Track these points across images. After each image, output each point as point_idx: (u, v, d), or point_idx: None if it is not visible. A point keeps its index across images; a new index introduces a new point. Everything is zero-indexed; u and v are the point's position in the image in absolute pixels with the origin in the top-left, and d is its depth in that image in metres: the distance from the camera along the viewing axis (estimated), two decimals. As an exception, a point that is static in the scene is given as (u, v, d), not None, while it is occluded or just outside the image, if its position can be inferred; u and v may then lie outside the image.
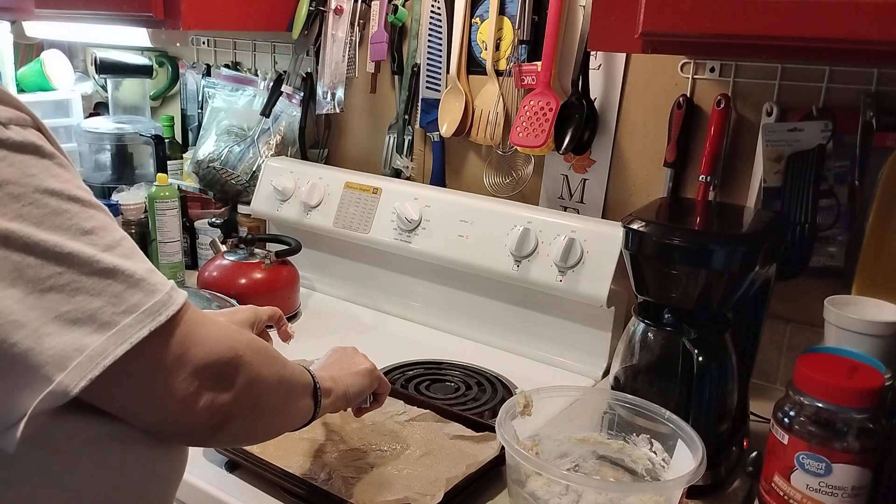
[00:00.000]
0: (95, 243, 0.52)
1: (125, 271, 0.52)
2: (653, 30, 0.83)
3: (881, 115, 1.02)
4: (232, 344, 0.59)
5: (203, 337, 0.57)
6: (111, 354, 0.51)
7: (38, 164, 0.52)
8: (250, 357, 0.61)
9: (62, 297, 0.50)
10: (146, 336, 0.52)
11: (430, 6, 1.41)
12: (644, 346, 0.97)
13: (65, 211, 0.51)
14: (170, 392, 0.55)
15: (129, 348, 0.51)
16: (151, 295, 0.53)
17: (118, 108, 1.88)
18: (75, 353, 0.50)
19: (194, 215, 1.66)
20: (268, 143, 1.62)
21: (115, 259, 0.52)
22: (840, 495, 0.76)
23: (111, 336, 0.51)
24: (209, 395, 0.57)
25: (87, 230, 0.52)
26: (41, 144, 0.52)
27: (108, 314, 0.51)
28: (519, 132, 1.29)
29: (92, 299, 0.51)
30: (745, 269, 0.87)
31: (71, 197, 0.52)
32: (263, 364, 0.63)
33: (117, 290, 0.52)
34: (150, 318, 0.53)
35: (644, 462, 0.87)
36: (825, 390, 0.76)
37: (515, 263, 1.22)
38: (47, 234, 0.50)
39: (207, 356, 0.57)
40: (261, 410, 0.65)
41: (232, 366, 0.59)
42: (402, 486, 0.86)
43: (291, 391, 0.71)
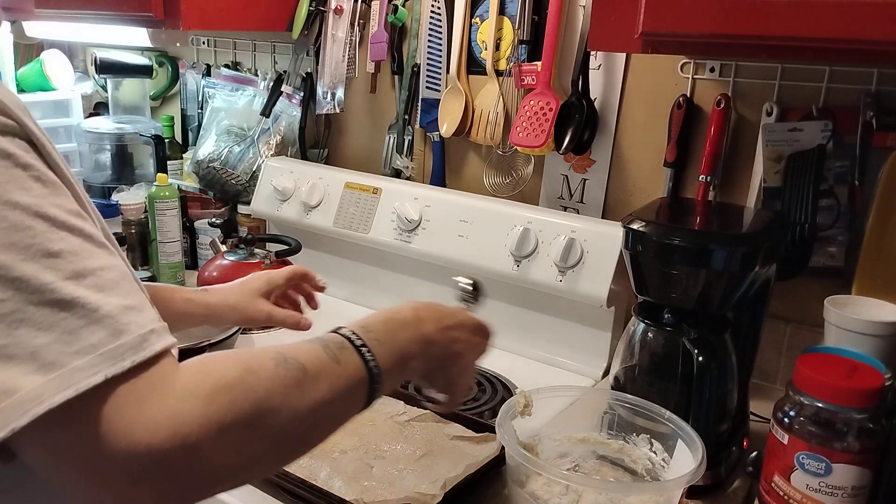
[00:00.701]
0: (58, 268, 0.44)
1: (87, 304, 0.44)
2: (653, 30, 0.83)
3: (881, 115, 1.02)
4: (179, 427, 0.45)
5: (144, 415, 0.44)
6: (46, 401, 0.42)
7: (5, 174, 0.45)
8: (212, 437, 0.46)
9: (1, 328, 0.42)
10: (99, 384, 0.43)
11: (430, 6, 1.41)
12: (644, 346, 0.97)
13: (27, 228, 0.44)
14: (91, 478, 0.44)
15: (73, 396, 0.42)
16: (117, 335, 0.44)
17: (118, 108, 1.88)
18: (3, 395, 0.41)
19: (194, 215, 1.66)
20: (268, 143, 1.62)
21: (78, 289, 0.44)
22: (840, 495, 0.76)
23: (53, 379, 0.42)
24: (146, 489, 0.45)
25: (51, 252, 0.44)
26: (14, 153, 0.45)
27: (54, 353, 0.43)
28: (519, 132, 1.29)
29: (37, 334, 0.43)
30: (745, 269, 0.87)
31: (39, 213, 0.45)
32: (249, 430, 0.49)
33: (73, 326, 0.43)
34: (108, 363, 0.43)
35: (644, 462, 0.87)
36: (825, 390, 0.76)
37: (515, 263, 1.22)
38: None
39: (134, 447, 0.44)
40: (250, 468, 0.51)
41: (177, 455, 0.45)
42: (402, 486, 0.86)
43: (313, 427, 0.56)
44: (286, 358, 0.53)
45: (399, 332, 0.66)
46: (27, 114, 0.48)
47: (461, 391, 0.77)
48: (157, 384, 0.46)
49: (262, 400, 0.50)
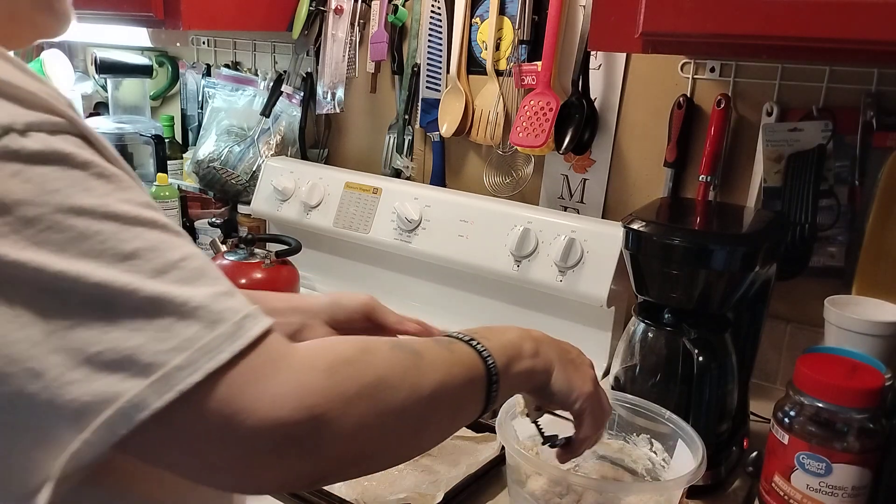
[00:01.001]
0: (138, 269, 0.42)
1: (176, 299, 0.42)
2: (653, 30, 0.83)
3: (881, 115, 1.02)
4: (304, 399, 0.44)
5: (264, 391, 0.43)
6: (149, 406, 0.40)
7: (65, 177, 0.41)
8: (338, 409, 0.45)
9: (92, 334, 0.40)
10: (200, 381, 0.41)
11: (430, 6, 1.41)
12: (644, 346, 0.97)
13: (96, 233, 0.41)
14: (215, 464, 0.44)
15: (175, 398, 0.41)
16: (213, 326, 0.42)
17: (118, 107, 1.88)
18: (104, 405, 0.40)
19: (194, 215, 1.66)
20: (268, 143, 1.62)
21: (164, 286, 0.42)
22: (840, 495, 0.76)
23: (154, 382, 0.40)
24: (277, 467, 0.44)
25: (128, 254, 0.42)
26: (70, 152, 0.42)
27: (150, 353, 0.41)
28: (519, 132, 1.29)
29: (131, 335, 0.41)
30: (746, 269, 0.87)
31: (107, 214, 0.42)
32: (372, 404, 0.47)
33: (165, 324, 0.41)
34: (206, 357, 0.42)
35: (644, 462, 0.87)
36: (825, 390, 0.76)
37: (515, 263, 1.22)
38: (70, 262, 0.40)
39: (264, 422, 0.43)
40: (374, 453, 0.50)
41: (304, 430, 0.44)
42: (403, 486, 0.86)
43: (433, 412, 0.53)
44: (401, 343, 0.53)
45: (505, 333, 0.64)
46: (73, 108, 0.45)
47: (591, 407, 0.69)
48: (275, 360, 0.44)
49: (382, 376, 0.49)
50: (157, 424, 0.41)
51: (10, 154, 0.40)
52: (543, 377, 0.65)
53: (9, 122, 0.40)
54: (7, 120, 0.40)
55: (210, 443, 0.43)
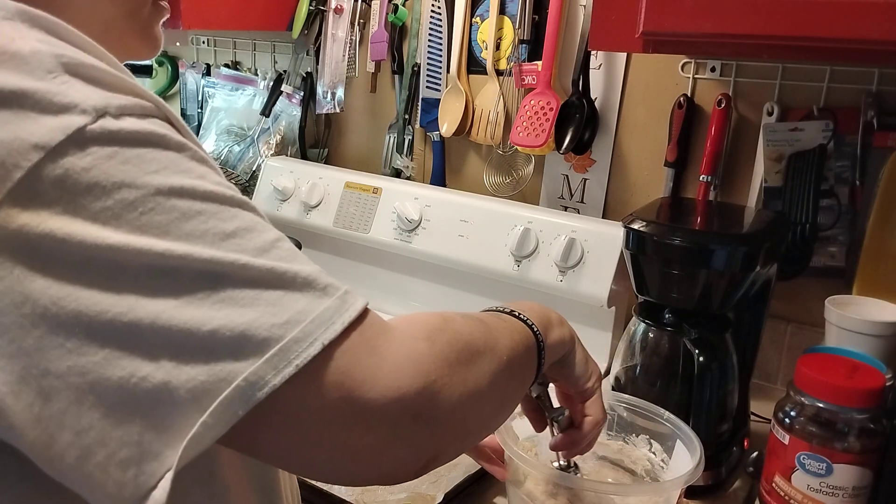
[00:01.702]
0: (242, 247, 0.41)
1: (283, 273, 0.41)
2: (653, 29, 0.83)
3: (882, 115, 1.02)
4: (419, 367, 0.43)
5: (380, 362, 0.42)
6: (268, 384, 0.38)
7: (162, 158, 0.40)
8: (449, 376, 0.45)
9: (202, 313, 0.39)
10: (317, 354, 0.39)
11: (430, 6, 1.41)
12: (644, 346, 0.97)
13: (198, 213, 0.40)
14: (335, 445, 0.41)
15: (294, 373, 0.39)
16: (322, 298, 0.41)
17: (118, 107, 1.88)
18: (221, 384, 0.38)
19: (194, 215, 1.66)
20: (268, 143, 1.62)
21: (268, 262, 0.41)
22: (841, 495, 0.76)
23: (270, 358, 0.39)
24: (400, 442, 0.43)
25: (230, 233, 0.41)
26: (165, 134, 0.41)
27: (265, 328, 0.39)
28: (519, 132, 1.29)
29: (243, 312, 0.39)
30: (746, 269, 0.87)
31: (206, 195, 0.41)
32: (469, 372, 0.47)
33: (275, 297, 0.40)
34: (321, 329, 0.40)
35: (643, 463, 0.87)
36: (826, 390, 0.76)
37: (516, 263, 1.22)
38: (175, 243, 0.39)
39: (385, 394, 0.41)
40: (471, 428, 0.50)
41: (424, 398, 0.43)
42: (402, 486, 0.85)
43: (510, 380, 0.54)
44: (467, 313, 0.53)
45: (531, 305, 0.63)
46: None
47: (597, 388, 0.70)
48: (382, 333, 0.43)
49: (469, 342, 0.49)
50: (276, 403, 0.39)
51: (107, 136, 0.39)
52: (569, 346, 0.66)
53: (103, 104, 0.39)
54: (102, 103, 0.39)
55: (330, 422, 0.41)
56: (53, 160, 0.37)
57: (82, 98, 0.38)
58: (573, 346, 0.66)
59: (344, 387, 0.40)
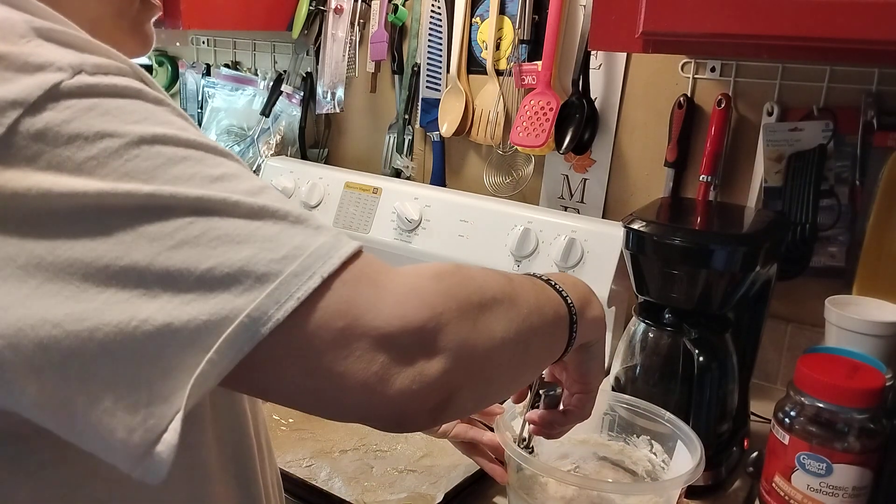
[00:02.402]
0: (229, 188, 0.40)
1: (276, 211, 0.40)
2: (653, 29, 0.83)
3: (882, 115, 1.02)
4: (424, 300, 0.43)
5: (380, 295, 0.41)
6: (272, 318, 0.38)
7: (142, 110, 0.40)
8: (455, 311, 0.44)
9: (200, 250, 0.38)
10: (317, 287, 0.39)
11: (430, 6, 1.41)
12: (644, 346, 0.97)
13: (183, 159, 0.40)
14: (344, 380, 0.40)
15: (297, 306, 0.39)
16: (316, 235, 0.41)
17: (118, 107, 1.88)
18: (224, 321, 0.38)
19: (194, 215, 1.66)
20: (268, 143, 1.62)
21: (259, 200, 0.41)
22: (841, 495, 0.76)
23: (272, 292, 0.38)
24: (408, 373, 0.41)
25: (217, 177, 0.40)
26: (142, 89, 0.41)
27: (263, 263, 0.39)
28: (519, 132, 1.29)
29: (239, 248, 0.39)
30: (746, 269, 0.87)
31: (189, 142, 0.41)
32: (482, 314, 0.46)
33: (270, 233, 0.40)
34: (319, 262, 0.40)
35: (644, 464, 0.87)
36: (826, 390, 0.76)
37: (516, 263, 1.22)
38: (163, 185, 0.39)
39: (389, 323, 0.41)
40: (487, 373, 0.48)
41: (428, 331, 0.42)
42: (403, 486, 0.85)
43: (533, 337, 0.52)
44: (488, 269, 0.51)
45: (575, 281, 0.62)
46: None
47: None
48: (383, 269, 0.43)
49: (483, 286, 0.47)
50: (281, 338, 0.39)
51: (85, 89, 0.39)
52: (602, 332, 0.64)
53: (79, 62, 0.39)
54: (77, 61, 0.39)
55: (336, 353, 0.40)
56: (32, 115, 0.37)
57: (58, 57, 0.39)
58: (603, 336, 0.64)
59: (348, 315, 0.40)
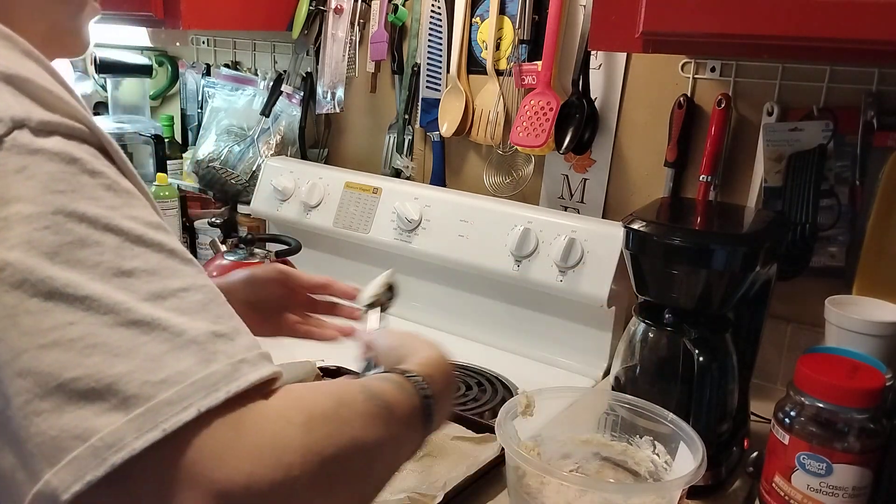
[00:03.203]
0: (133, 289, 0.38)
1: (170, 327, 0.38)
2: (653, 29, 0.83)
3: (882, 115, 1.02)
4: (281, 455, 0.39)
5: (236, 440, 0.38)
6: (128, 446, 0.35)
7: (72, 181, 0.38)
8: (314, 476, 0.40)
9: (70, 356, 0.35)
10: (190, 421, 0.36)
11: (430, 6, 1.41)
12: (644, 346, 0.97)
13: (95, 243, 0.38)
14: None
15: (160, 438, 0.35)
16: (206, 363, 0.38)
17: (118, 107, 1.88)
18: (75, 441, 0.35)
19: (194, 215, 1.66)
20: (268, 143, 1.61)
21: (158, 311, 0.38)
22: (841, 495, 0.76)
23: (135, 418, 0.35)
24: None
25: (124, 271, 0.38)
26: (81, 157, 0.39)
27: (135, 384, 0.36)
28: (519, 132, 1.29)
29: (115, 362, 0.36)
30: (746, 269, 0.87)
31: (109, 227, 0.39)
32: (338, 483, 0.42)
33: (155, 352, 0.37)
34: (200, 394, 0.37)
35: (647, 464, 0.87)
36: (826, 390, 0.76)
37: (516, 263, 1.22)
38: (60, 269, 0.36)
39: (233, 477, 0.37)
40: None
41: (278, 494, 0.38)
42: (402, 486, 0.85)
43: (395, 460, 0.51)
44: (373, 393, 0.49)
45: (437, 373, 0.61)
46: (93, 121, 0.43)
47: None
48: (251, 410, 0.39)
49: (357, 437, 0.44)
50: (129, 470, 0.35)
51: (18, 148, 0.37)
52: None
53: (23, 116, 0.38)
54: (22, 115, 0.38)
55: (175, 497, 0.36)
56: None
57: (2, 108, 0.38)
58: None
59: (205, 464, 0.36)
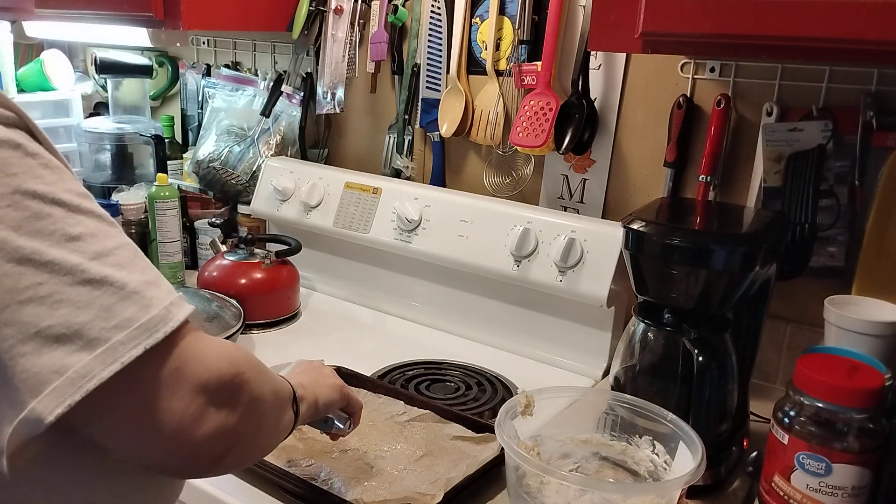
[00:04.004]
0: (82, 250, 0.47)
1: (116, 282, 0.47)
2: (653, 30, 0.83)
3: (881, 115, 1.02)
4: (232, 360, 0.54)
5: (201, 352, 0.51)
6: (96, 376, 0.45)
7: (20, 164, 0.47)
8: (251, 374, 0.56)
9: (43, 309, 0.45)
10: (140, 355, 0.47)
11: (430, 6, 1.41)
12: (644, 346, 0.97)
13: (47, 215, 0.47)
14: (164, 417, 0.49)
15: (119, 369, 0.46)
16: (146, 309, 0.48)
17: (118, 108, 1.88)
18: (53, 375, 0.45)
19: (194, 215, 1.66)
20: (268, 143, 1.62)
21: (104, 268, 0.47)
22: (840, 495, 0.76)
23: (99, 355, 0.46)
24: (216, 418, 0.51)
25: (73, 236, 0.47)
26: (22, 142, 0.48)
27: (96, 329, 0.46)
28: (519, 132, 1.29)
29: (78, 312, 0.46)
30: (746, 269, 0.87)
31: (55, 200, 0.48)
32: (261, 380, 0.59)
33: (107, 303, 0.47)
34: (145, 335, 0.47)
35: (646, 464, 0.87)
36: (825, 390, 0.76)
37: (515, 263, 1.22)
38: (26, 239, 0.45)
39: (209, 372, 0.51)
40: (261, 430, 0.60)
41: (235, 384, 0.53)
42: (402, 486, 0.86)
43: (282, 405, 0.66)
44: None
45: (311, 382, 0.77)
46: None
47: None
48: (201, 333, 0.52)
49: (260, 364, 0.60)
50: (101, 394, 0.46)
51: None
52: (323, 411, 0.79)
53: None
54: None
55: (163, 395, 0.48)
56: None
57: None
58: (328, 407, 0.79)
59: (169, 374, 0.49)
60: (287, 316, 1.38)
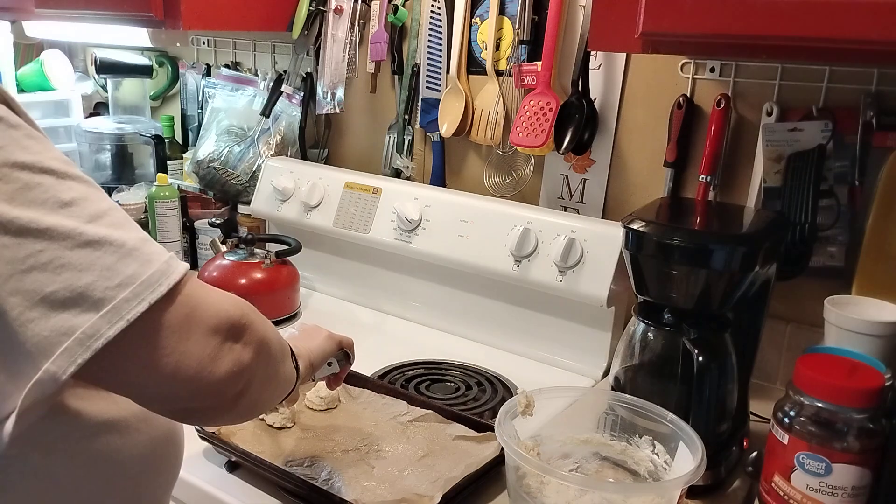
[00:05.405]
0: (77, 215, 0.48)
1: (114, 241, 0.48)
2: (653, 30, 0.83)
3: (881, 115, 1.02)
4: (236, 302, 0.57)
5: (206, 297, 0.54)
6: (103, 336, 0.47)
7: (4, 136, 0.48)
8: (254, 316, 0.58)
9: (46, 276, 0.46)
10: (145, 311, 0.48)
11: (430, 6, 1.41)
12: (644, 346, 0.97)
13: (38, 184, 0.47)
14: (184, 360, 0.50)
15: (126, 326, 0.47)
16: (148, 265, 0.49)
17: (118, 108, 1.88)
18: (63, 337, 0.46)
19: (194, 215, 1.66)
20: (268, 143, 1.62)
21: (101, 229, 0.48)
22: (840, 495, 0.76)
23: (105, 314, 0.47)
24: (231, 355, 0.54)
25: (66, 202, 0.48)
26: (3, 115, 0.49)
27: (100, 289, 0.47)
28: (519, 132, 1.29)
29: (81, 275, 0.47)
30: (746, 269, 0.87)
31: (44, 169, 0.48)
32: (263, 322, 0.61)
33: (108, 263, 0.48)
34: (148, 290, 0.48)
35: (647, 464, 0.87)
36: (825, 390, 0.76)
37: (515, 263, 1.22)
38: (21, 210, 0.46)
39: (218, 315, 0.53)
40: (269, 369, 0.62)
41: (243, 323, 0.56)
42: (403, 486, 0.86)
43: (284, 352, 0.68)
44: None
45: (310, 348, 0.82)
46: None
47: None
48: (201, 284, 0.54)
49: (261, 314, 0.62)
50: (112, 351, 0.47)
51: None
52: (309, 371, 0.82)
53: None
54: None
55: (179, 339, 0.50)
56: None
57: None
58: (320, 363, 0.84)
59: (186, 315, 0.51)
60: (287, 316, 1.38)
